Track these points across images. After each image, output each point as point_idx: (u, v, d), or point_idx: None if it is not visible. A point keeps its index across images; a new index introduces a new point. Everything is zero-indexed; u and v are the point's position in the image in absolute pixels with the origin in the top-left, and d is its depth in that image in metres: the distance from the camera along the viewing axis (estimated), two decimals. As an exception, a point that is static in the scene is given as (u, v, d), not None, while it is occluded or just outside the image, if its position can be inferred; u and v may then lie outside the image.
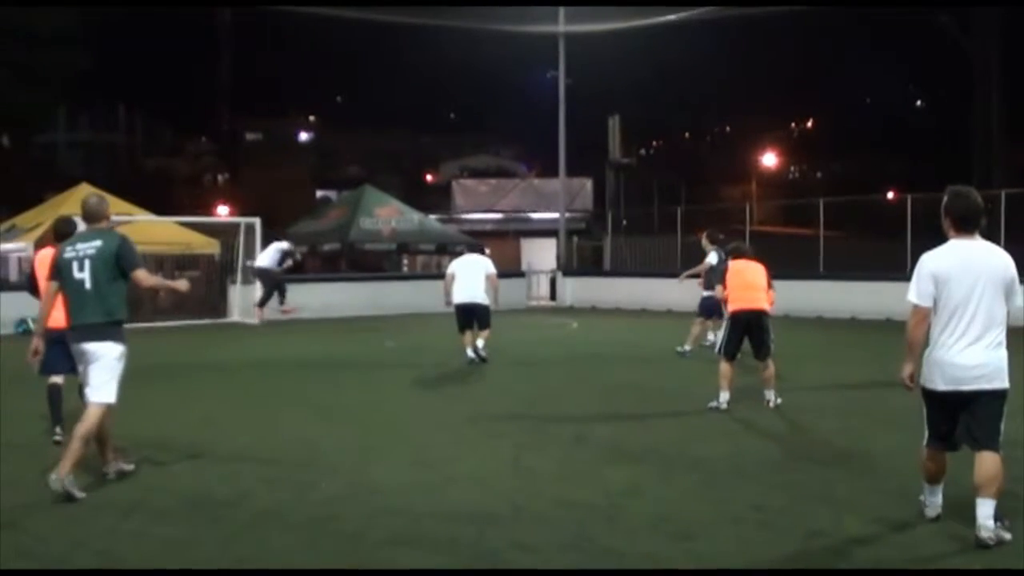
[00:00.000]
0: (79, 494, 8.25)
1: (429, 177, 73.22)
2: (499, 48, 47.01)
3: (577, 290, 36.85)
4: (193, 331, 25.41)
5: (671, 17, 39.21)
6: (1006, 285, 7.11)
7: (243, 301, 27.95)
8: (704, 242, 19.30)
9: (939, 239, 7.34)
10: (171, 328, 25.44)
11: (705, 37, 50.09)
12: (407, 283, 33.73)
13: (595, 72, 44.33)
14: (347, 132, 74.63)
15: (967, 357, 7.05)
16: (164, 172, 69.91)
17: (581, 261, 41.31)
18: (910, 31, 53.40)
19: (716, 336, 20.38)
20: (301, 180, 67.14)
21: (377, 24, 43.86)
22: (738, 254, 13.54)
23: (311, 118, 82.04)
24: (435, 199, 55.50)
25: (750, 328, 12.80)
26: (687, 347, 18.70)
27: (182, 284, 9.54)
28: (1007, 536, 6.94)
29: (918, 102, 75.05)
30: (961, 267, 7.09)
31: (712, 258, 18.74)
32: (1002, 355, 7.12)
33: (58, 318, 9.12)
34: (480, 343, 17.92)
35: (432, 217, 42.36)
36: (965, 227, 7.20)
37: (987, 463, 7.02)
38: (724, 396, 12.68)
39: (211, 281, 28.81)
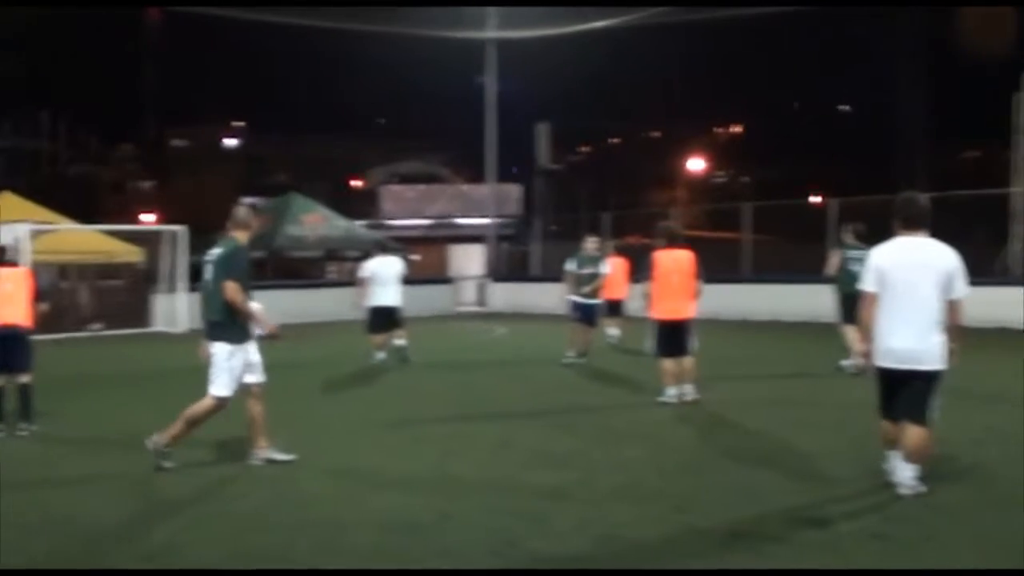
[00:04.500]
0: (167, 464, 9.37)
1: (357, 183, 72.92)
2: (429, 54, 46.90)
3: (506, 296, 36.90)
4: (116, 341, 25.14)
5: (599, 24, 39.39)
6: (945, 278, 7.92)
7: (167, 310, 27.70)
8: (594, 245, 19.22)
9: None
10: (94, 338, 25.21)
11: (634, 43, 50.32)
12: (333, 290, 33.55)
13: (524, 78, 44.42)
14: (275, 138, 74.20)
15: (902, 340, 7.95)
16: (88, 179, 69.14)
17: (510, 267, 41.36)
18: (837, 39, 54.02)
19: (614, 332, 20.76)
20: (228, 187, 66.70)
21: (305, 29, 43.66)
22: (670, 240, 13.47)
23: (238, 124, 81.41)
24: (363, 205, 55.33)
25: (674, 333, 13.01)
26: (572, 353, 18.49)
27: (275, 329, 9.87)
28: (924, 489, 8.03)
29: (844, 108, 75.79)
30: (901, 260, 8.06)
31: (604, 267, 18.82)
32: (936, 340, 7.93)
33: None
34: (402, 342, 18.67)
35: (360, 223, 42.20)
36: (910, 226, 8.24)
37: (912, 435, 8.02)
38: (671, 391, 13.11)
39: (134, 290, 28.50)
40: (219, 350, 9.52)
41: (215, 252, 9.61)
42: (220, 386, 9.51)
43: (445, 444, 10.74)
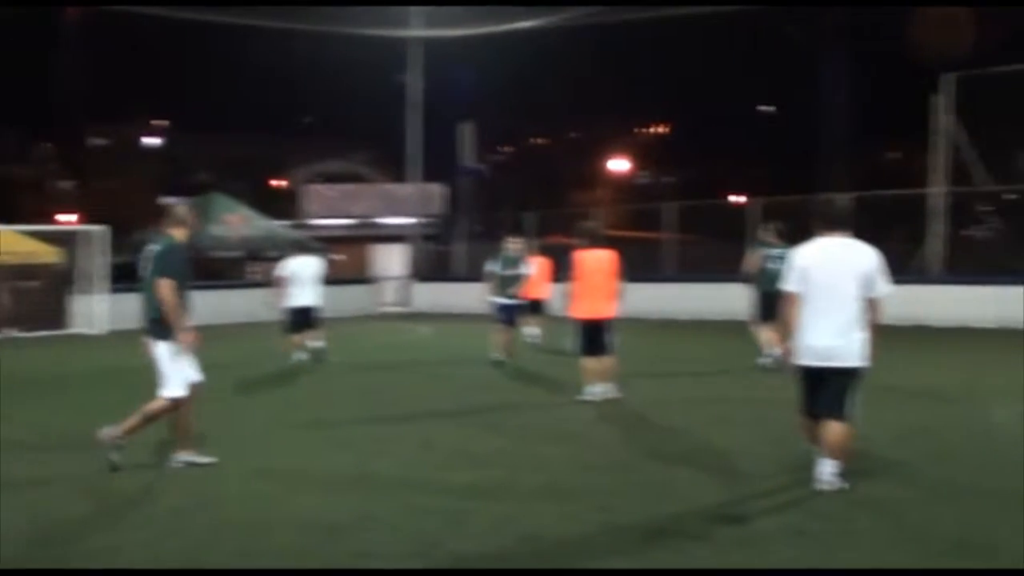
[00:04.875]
0: (116, 457, 9.32)
1: (279, 182, 72.42)
2: (353, 52, 46.67)
3: (429, 296, 36.85)
4: (34, 343, 24.76)
5: (524, 24, 39.44)
6: (867, 277, 8.09)
7: (86, 311, 27.34)
8: (516, 246, 19.11)
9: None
10: (11, 340, 24.83)
11: (558, 44, 50.39)
12: (255, 291, 33.29)
13: (450, 77, 44.34)
14: (197, 137, 73.46)
15: (821, 337, 8.11)
16: (7, 178, 67.99)
17: (433, 267, 41.30)
18: (759, 39, 54.37)
19: (535, 331, 20.74)
20: (149, 187, 65.97)
21: (228, 27, 43.24)
22: (592, 240, 13.56)
23: (160, 123, 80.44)
24: (286, 205, 54.86)
25: (595, 332, 13.06)
26: (498, 354, 18.30)
27: (189, 338, 9.46)
28: (846, 486, 8.15)
29: (768, 108, 76.31)
30: (822, 260, 8.23)
31: (528, 268, 18.87)
32: (855, 337, 8.10)
33: None
34: (319, 344, 18.96)
35: (282, 223, 41.88)
36: (830, 227, 8.43)
37: (831, 430, 8.18)
38: (592, 389, 13.24)
39: (52, 291, 28.05)
40: (163, 349, 9.43)
41: (152, 249, 9.53)
42: (172, 387, 9.45)
43: (366, 444, 10.70)
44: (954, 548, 6.88)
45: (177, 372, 9.44)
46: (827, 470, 8.15)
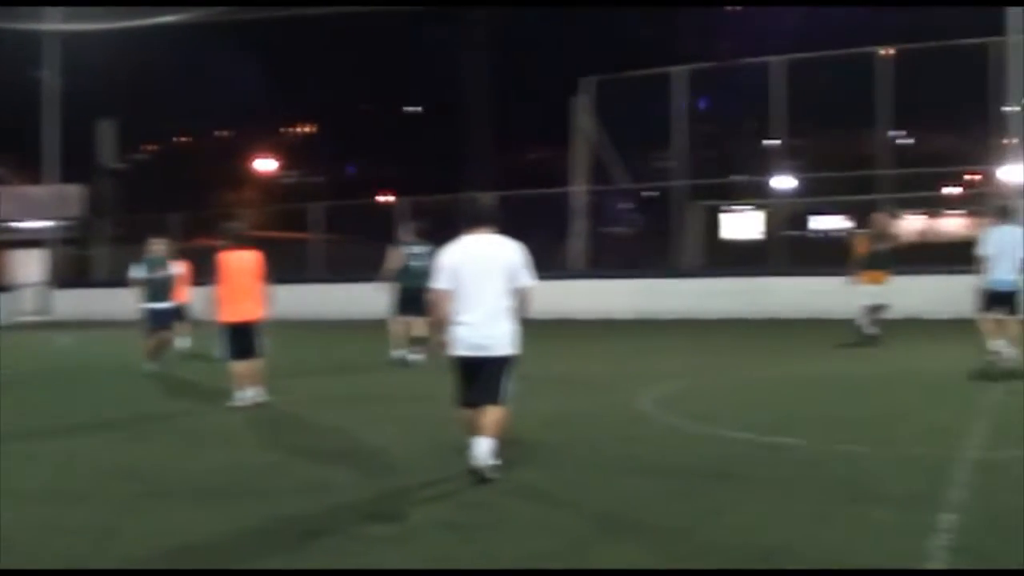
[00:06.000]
0: None
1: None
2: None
3: (69, 303, 35.50)
4: None
5: (164, 19, 38.51)
6: (512, 270, 8.50)
7: None
8: (160, 247, 18.60)
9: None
10: None
11: (202, 40, 49.51)
12: None
13: (86, 73, 42.76)
14: None
15: (475, 330, 8.43)
16: None
17: (73, 272, 39.81)
18: (406, 41, 54.95)
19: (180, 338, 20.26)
20: None
21: None
22: (236, 241, 13.44)
23: None
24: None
25: (243, 335, 12.90)
26: (151, 364, 17.76)
27: None
28: (496, 476, 8.34)
29: (415, 109, 77.17)
30: (469, 257, 8.56)
31: (175, 269, 18.58)
32: (505, 328, 8.49)
33: None
34: None
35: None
36: (475, 224, 8.77)
37: (488, 413, 8.45)
38: (243, 394, 13.07)
39: None
40: None
41: None
42: None
43: (4, 462, 10.08)
44: (604, 530, 7.18)
45: None
46: (484, 449, 8.34)
